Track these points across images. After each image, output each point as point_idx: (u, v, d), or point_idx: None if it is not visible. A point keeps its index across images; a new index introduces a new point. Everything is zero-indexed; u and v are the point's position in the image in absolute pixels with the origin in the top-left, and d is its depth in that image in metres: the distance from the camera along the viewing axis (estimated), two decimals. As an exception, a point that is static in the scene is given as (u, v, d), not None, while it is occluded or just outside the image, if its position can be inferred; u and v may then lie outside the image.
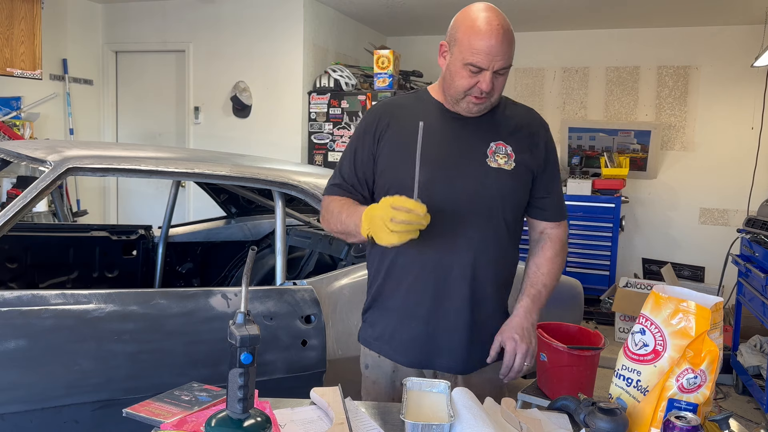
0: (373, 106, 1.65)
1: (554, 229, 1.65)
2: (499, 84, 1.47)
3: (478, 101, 1.48)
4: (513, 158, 1.53)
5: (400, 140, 1.55)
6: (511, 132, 1.56)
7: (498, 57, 1.42)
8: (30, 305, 1.78)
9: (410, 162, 1.43)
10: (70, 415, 1.78)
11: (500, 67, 1.44)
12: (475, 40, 1.42)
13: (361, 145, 1.60)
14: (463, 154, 1.53)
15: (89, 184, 5.53)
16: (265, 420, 1.08)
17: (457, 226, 1.51)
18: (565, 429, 1.26)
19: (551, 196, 1.62)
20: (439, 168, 1.51)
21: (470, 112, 1.52)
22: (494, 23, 1.42)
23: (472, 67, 1.44)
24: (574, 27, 5.71)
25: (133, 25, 5.54)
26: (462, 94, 1.49)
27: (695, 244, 5.58)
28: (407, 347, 1.58)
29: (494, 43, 1.41)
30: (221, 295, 2.05)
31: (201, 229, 3.35)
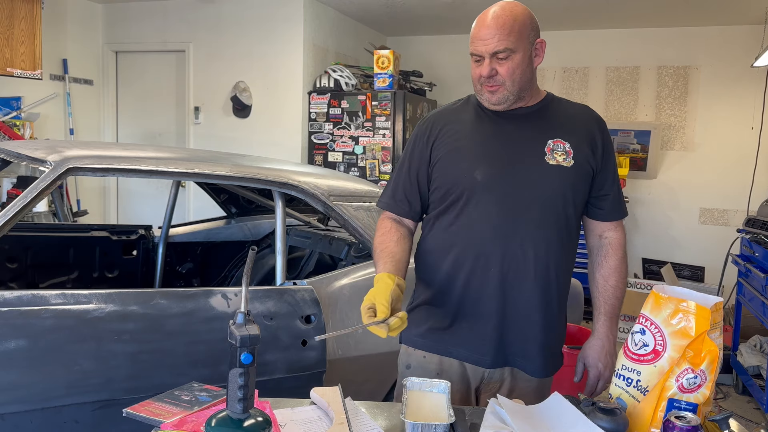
0: (425, 117, 1.67)
1: (613, 231, 1.63)
2: (505, 69, 1.46)
3: (490, 89, 1.49)
4: (572, 155, 1.52)
5: (453, 142, 1.56)
6: (568, 129, 1.55)
7: (489, 41, 1.44)
8: (30, 305, 1.78)
9: (467, 162, 1.51)
10: (70, 415, 1.78)
11: (494, 50, 1.44)
12: (473, 31, 1.49)
13: (415, 153, 1.62)
14: (520, 153, 1.52)
15: (89, 184, 5.53)
16: (265, 420, 1.08)
17: (520, 226, 1.50)
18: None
19: (611, 194, 1.60)
20: (497, 168, 1.51)
21: (491, 102, 1.52)
22: (491, 12, 1.46)
23: (475, 56, 1.49)
24: (574, 27, 5.71)
25: (134, 25, 5.54)
26: (478, 85, 1.51)
27: (695, 244, 5.58)
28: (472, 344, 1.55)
29: (484, 28, 1.45)
30: (221, 295, 2.04)
31: (201, 229, 3.35)
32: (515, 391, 1.56)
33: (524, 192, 1.50)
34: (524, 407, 1.30)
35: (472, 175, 1.51)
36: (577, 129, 1.56)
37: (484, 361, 1.55)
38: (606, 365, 1.59)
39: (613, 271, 1.60)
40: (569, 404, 1.25)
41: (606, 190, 1.59)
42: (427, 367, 1.59)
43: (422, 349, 1.60)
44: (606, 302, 1.60)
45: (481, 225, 1.51)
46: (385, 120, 4.72)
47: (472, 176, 1.51)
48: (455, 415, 1.22)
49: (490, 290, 1.51)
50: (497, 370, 1.57)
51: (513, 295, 1.51)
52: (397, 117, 4.69)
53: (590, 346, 1.62)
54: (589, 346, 1.62)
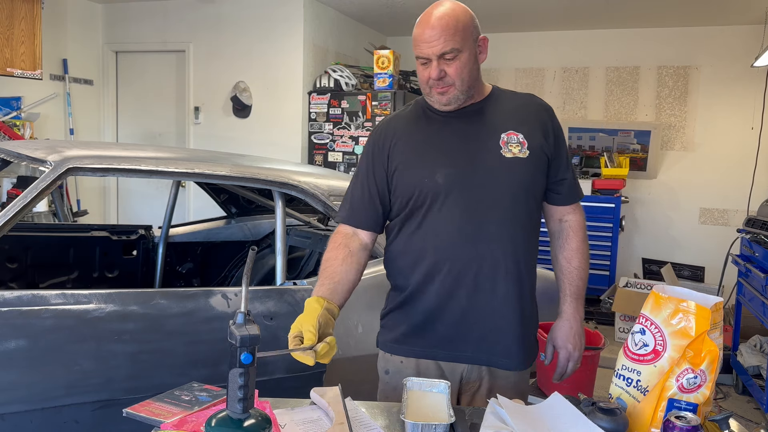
0: (376, 126, 1.67)
1: (572, 214, 1.65)
2: (453, 69, 1.47)
3: (441, 90, 1.50)
4: (526, 145, 1.53)
5: (409, 148, 1.56)
6: (519, 119, 1.56)
7: (434, 42, 1.44)
8: (30, 305, 1.78)
9: (426, 166, 1.51)
10: (70, 415, 1.78)
11: (441, 51, 1.45)
12: (416, 34, 1.49)
13: (372, 163, 1.60)
14: (476, 150, 1.53)
15: (89, 184, 5.53)
16: (265, 420, 1.08)
17: (485, 224, 1.50)
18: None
19: (567, 178, 1.62)
20: (457, 169, 1.51)
21: (441, 103, 1.52)
22: (432, 13, 1.46)
23: (421, 59, 1.49)
24: (574, 27, 5.71)
25: (133, 25, 5.54)
26: (427, 88, 1.52)
27: (695, 244, 5.58)
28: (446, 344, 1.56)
29: (428, 30, 1.45)
30: (221, 295, 2.04)
31: (201, 229, 3.35)
32: (494, 390, 1.56)
33: (486, 189, 1.51)
34: (524, 407, 1.30)
35: (434, 179, 1.51)
36: (527, 118, 1.58)
37: (462, 357, 1.55)
38: (575, 346, 1.61)
39: (575, 252, 1.62)
40: (569, 404, 1.25)
41: (562, 175, 1.61)
42: (404, 372, 1.58)
43: (398, 354, 1.60)
44: (571, 284, 1.62)
45: (447, 227, 1.51)
46: (385, 120, 4.71)
47: (434, 180, 1.51)
48: (455, 415, 1.22)
49: (462, 290, 1.52)
50: (475, 370, 1.57)
51: (485, 292, 1.52)
52: (397, 117, 4.69)
53: (558, 328, 1.64)
54: (558, 328, 1.64)
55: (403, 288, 1.59)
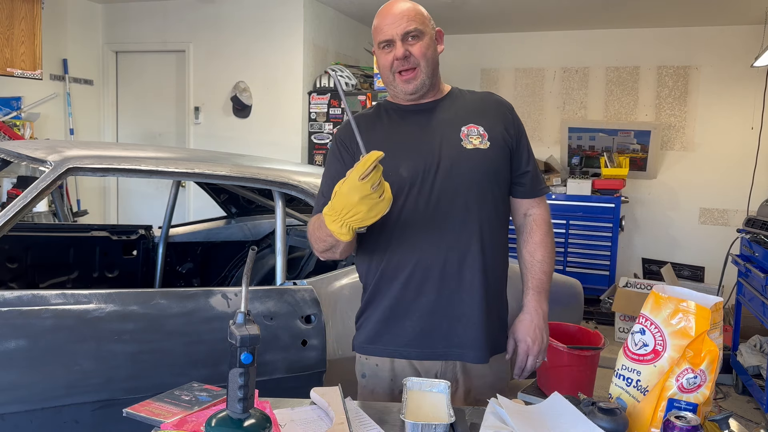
0: (342, 125, 1.70)
1: (536, 208, 1.65)
2: (417, 49, 1.51)
3: (406, 76, 1.53)
4: (487, 137, 1.55)
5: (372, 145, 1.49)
6: (478, 114, 1.59)
7: (397, 23, 1.50)
8: (30, 305, 1.78)
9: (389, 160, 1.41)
10: (70, 415, 1.78)
11: (404, 31, 1.50)
12: (377, 22, 1.55)
13: (338, 160, 1.61)
14: (438, 143, 1.54)
15: (89, 184, 5.53)
16: (265, 420, 1.08)
17: (451, 215, 1.51)
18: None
19: (528, 171, 1.63)
20: (419, 162, 1.52)
21: (407, 92, 1.55)
22: (391, 4, 1.54)
23: (384, 45, 1.53)
24: (574, 27, 5.71)
25: (133, 25, 5.54)
26: (390, 76, 1.55)
27: (695, 244, 5.58)
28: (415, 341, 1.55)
29: (389, 16, 1.52)
30: (221, 295, 2.05)
31: (201, 229, 3.35)
32: (472, 391, 1.56)
33: (449, 180, 1.51)
34: (524, 407, 1.30)
35: (398, 172, 1.51)
36: (486, 112, 1.60)
37: (434, 354, 1.54)
38: (534, 339, 1.59)
39: (538, 245, 1.62)
40: (569, 404, 1.25)
41: (524, 168, 1.62)
42: (380, 375, 1.58)
43: (373, 355, 1.60)
44: (533, 277, 1.62)
45: (414, 221, 1.51)
46: (385, 120, 4.71)
47: (398, 173, 1.51)
48: (455, 415, 1.22)
49: (429, 283, 1.52)
50: (449, 369, 1.56)
51: (451, 284, 1.52)
52: (397, 117, 4.69)
53: (519, 321, 1.62)
54: (519, 321, 1.62)
55: (370, 285, 1.60)
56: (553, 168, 5.68)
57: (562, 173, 5.64)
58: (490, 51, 6.04)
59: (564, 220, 5.28)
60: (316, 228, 1.49)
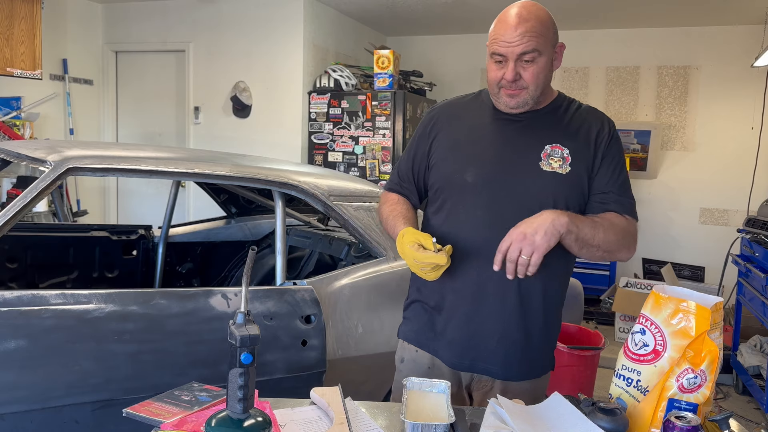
0: (432, 107, 1.68)
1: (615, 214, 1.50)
2: (529, 74, 1.43)
3: (511, 93, 1.46)
4: (569, 161, 1.47)
5: (451, 140, 1.56)
6: (569, 134, 1.50)
7: (516, 42, 1.40)
8: (30, 305, 1.78)
9: (459, 162, 1.50)
10: (70, 415, 1.78)
11: (520, 52, 1.41)
12: (495, 30, 1.45)
13: (417, 145, 1.63)
14: (515, 157, 1.49)
15: (89, 184, 5.53)
16: (265, 420, 1.08)
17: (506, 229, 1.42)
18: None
19: (612, 192, 1.49)
20: (488, 171, 1.49)
21: (509, 106, 1.48)
22: (515, 12, 1.43)
23: (496, 57, 1.45)
24: (574, 27, 5.71)
25: (133, 25, 5.54)
26: (496, 88, 1.48)
27: (695, 244, 5.58)
28: (448, 346, 1.55)
29: (510, 29, 1.41)
30: (221, 295, 2.04)
31: (201, 229, 3.35)
32: (508, 392, 1.53)
33: (513, 197, 1.46)
34: (524, 407, 1.30)
35: (463, 177, 1.50)
36: (580, 133, 1.50)
37: (462, 365, 1.53)
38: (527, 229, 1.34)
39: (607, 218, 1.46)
40: (569, 404, 1.25)
41: (603, 189, 1.49)
42: (419, 361, 1.59)
43: (414, 344, 1.61)
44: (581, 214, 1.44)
45: (468, 228, 1.49)
46: (385, 120, 4.72)
47: (463, 178, 1.50)
48: (455, 415, 1.22)
49: (473, 298, 1.50)
50: (483, 380, 1.55)
51: (495, 301, 1.49)
52: (397, 117, 4.69)
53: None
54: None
55: (422, 281, 1.57)
56: (553, 168, 5.67)
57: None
58: (490, 51, 6.03)
59: (564, 220, 5.27)
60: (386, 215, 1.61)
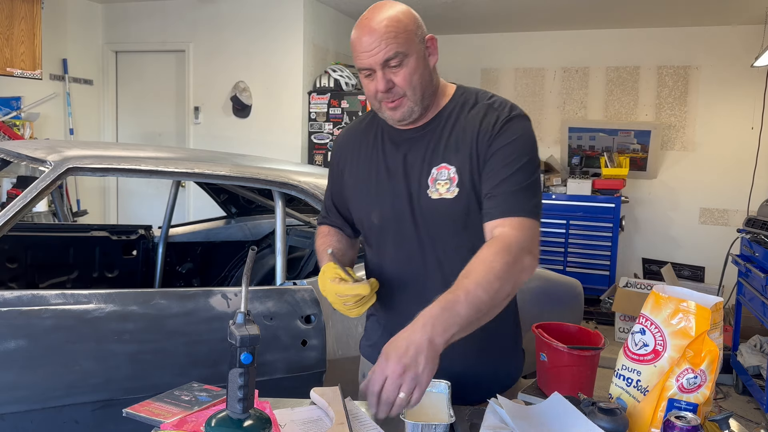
0: (336, 138, 1.60)
1: (502, 227, 1.27)
2: (401, 78, 1.29)
3: (392, 105, 1.33)
4: (456, 181, 1.33)
5: (354, 177, 1.50)
6: (456, 146, 1.35)
7: (375, 50, 1.27)
8: (30, 305, 1.78)
9: (364, 203, 1.45)
10: (70, 415, 1.78)
11: (384, 58, 1.27)
12: (353, 43, 1.31)
13: (332, 179, 1.59)
14: (408, 190, 1.39)
15: (89, 184, 5.53)
16: (265, 420, 1.08)
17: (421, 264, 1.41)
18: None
19: (496, 193, 1.30)
20: (387, 209, 1.43)
21: (395, 120, 1.36)
22: (369, 17, 1.30)
23: (364, 71, 1.32)
24: (574, 27, 5.71)
25: (133, 25, 5.54)
26: (377, 103, 1.36)
27: (695, 244, 5.58)
28: None
29: (366, 37, 1.28)
30: (221, 295, 2.04)
31: (201, 229, 3.35)
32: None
33: (415, 234, 1.39)
34: (524, 407, 1.30)
35: (370, 219, 1.46)
36: (465, 141, 1.34)
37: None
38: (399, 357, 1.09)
39: (479, 260, 1.21)
40: (569, 404, 1.25)
41: (490, 191, 1.30)
42: None
43: (370, 361, 1.57)
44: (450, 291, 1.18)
45: (387, 264, 1.47)
46: (385, 120, 4.72)
47: (370, 220, 1.46)
48: (455, 415, 1.22)
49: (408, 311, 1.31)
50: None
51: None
52: (397, 117, 4.69)
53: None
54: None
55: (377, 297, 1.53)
56: (553, 168, 5.68)
57: (562, 173, 5.64)
58: (490, 51, 6.04)
59: (564, 220, 5.28)
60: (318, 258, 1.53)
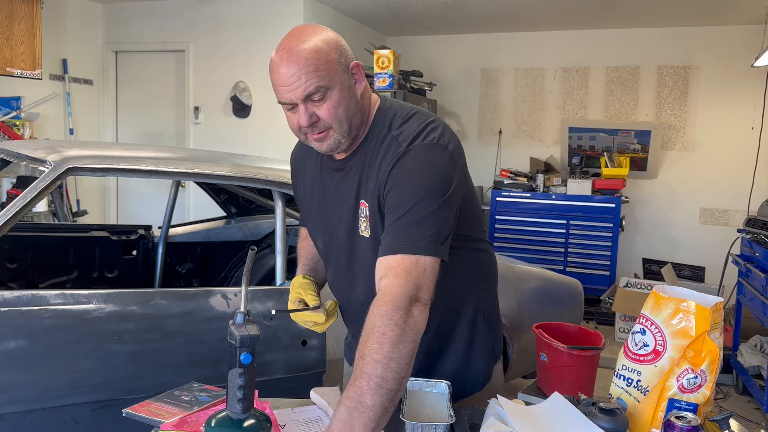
0: (293, 149, 1.57)
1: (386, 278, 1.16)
2: (324, 112, 1.21)
3: (319, 137, 1.26)
4: (369, 221, 1.28)
5: (303, 197, 1.50)
6: (368, 184, 1.29)
7: (295, 84, 1.19)
8: (30, 305, 1.78)
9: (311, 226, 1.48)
10: (70, 415, 1.78)
11: (305, 94, 1.19)
12: (273, 76, 1.23)
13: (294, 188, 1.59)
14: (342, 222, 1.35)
15: (89, 184, 5.53)
16: (265, 420, 1.08)
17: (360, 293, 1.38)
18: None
19: (389, 231, 1.21)
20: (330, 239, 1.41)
21: (324, 151, 1.30)
22: (287, 47, 1.21)
23: (286, 105, 1.24)
24: (574, 27, 5.71)
25: (133, 25, 5.54)
26: (302, 135, 1.29)
27: (695, 244, 5.58)
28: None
29: (284, 68, 1.19)
30: (221, 295, 2.04)
31: (201, 229, 3.35)
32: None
33: (350, 265, 1.38)
34: (524, 407, 1.30)
35: (317, 242, 1.48)
36: (371, 179, 1.28)
37: None
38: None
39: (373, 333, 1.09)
40: (569, 404, 1.25)
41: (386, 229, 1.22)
42: None
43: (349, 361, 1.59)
44: (351, 386, 1.06)
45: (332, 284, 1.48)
46: (385, 120, 4.71)
47: (317, 243, 1.49)
48: (455, 415, 1.22)
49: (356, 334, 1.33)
50: None
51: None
52: (397, 117, 4.69)
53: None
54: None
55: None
56: (553, 168, 5.68)
57: (562, 173, 5.64)
58: (490, 51, 6.04)
59: (564, 220, 5.28)
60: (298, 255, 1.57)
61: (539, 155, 5.80)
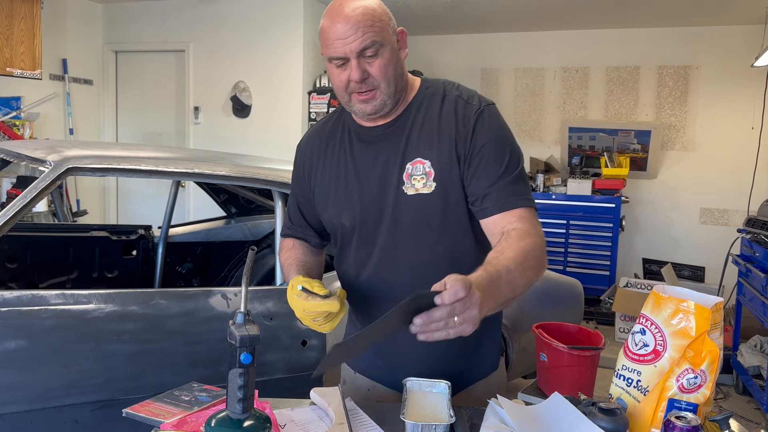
0: (300, 141, 1.53)
1: (510, 224, 1.27)
2: (376, 68, 1.26)
3: (364, 98, 1.29)
4: (432, 176, 1.31)
5: (322, 179, 1.44)
6: (430, 140, 1.32)
7: (351, 37, 1.23)
8: (30, 305, 1.78)
9: (334, 205, 1.40)
10: (70, 415, 1.78)
11: (360, 47, 1.23)
12: (326, 33, 1.26)
13: (296, 186, 1.53)
14: (380, 188, 1.35)
15: (89, 184, 5.53)
16: (265, 420, 1.08)
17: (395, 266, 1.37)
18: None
19: (488, 193, 1.28)
20: (358, 210, 1.38)
21: (366, 114, 1.32)
22: (342, 5, 1.25)
23: (336, 61, 1.27)
24: (574, 27, 5.71)
25: (133, 24, 5.54)
26: (346, 96, 1.31)
27: (695, 244, 5.58)
28: (380, 369, 1.50)
29: (341, 24, 1.23)
30: (221, 295, 2.05)
31: (201, 229, 3.35)
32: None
33: (388, 231, 1.35)
34: (524, 407, 1.30)
35: (341, 221, 1.41)
36: (441, 134, 1.32)
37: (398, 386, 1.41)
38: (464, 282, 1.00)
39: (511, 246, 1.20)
40: (569, 404, 1.25)
41: (484, 189, 1.28)
42: (358, 383, 1.54)
43: (351, 367, 1.57)
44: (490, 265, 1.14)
45: (361, 268, 1.42)
46: (385, 120, 4.71)
47: (341, 222, 1.41)
48: (455, 415, 1.22)
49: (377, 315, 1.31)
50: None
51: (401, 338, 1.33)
52: (397, 117, 4.69)
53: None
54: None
55: (353, 303, 1.50)
56: (553, 168, 5.68)
57: (562, 173, 5.64)
58: (490, 51, 6.04)
59: (564, 220, 5.28)
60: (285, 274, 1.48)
61: (539, 155, 5.80)
